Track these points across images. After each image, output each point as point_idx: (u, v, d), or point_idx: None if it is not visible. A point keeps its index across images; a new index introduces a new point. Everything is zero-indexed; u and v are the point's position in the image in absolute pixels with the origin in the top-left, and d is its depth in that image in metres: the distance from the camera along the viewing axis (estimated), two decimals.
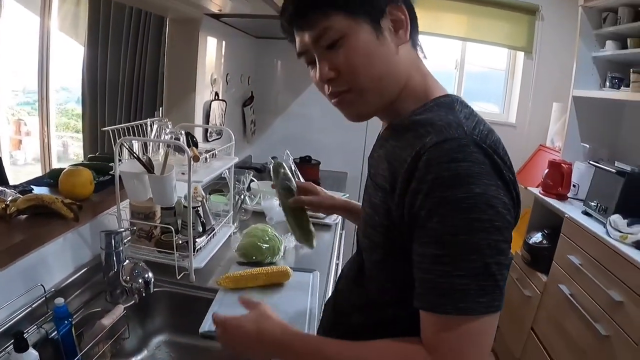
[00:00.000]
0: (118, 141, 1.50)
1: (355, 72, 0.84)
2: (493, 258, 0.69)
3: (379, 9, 0.84)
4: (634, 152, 3.18)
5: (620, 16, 2.95)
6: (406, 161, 0.75)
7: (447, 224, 0.69)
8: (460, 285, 0.69)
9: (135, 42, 2.88)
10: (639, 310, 2.07)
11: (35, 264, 1.32)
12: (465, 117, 0.79)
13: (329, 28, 0.82)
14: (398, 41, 0.86)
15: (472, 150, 0.71)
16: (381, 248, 0.86)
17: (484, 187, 0.69)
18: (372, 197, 0.89)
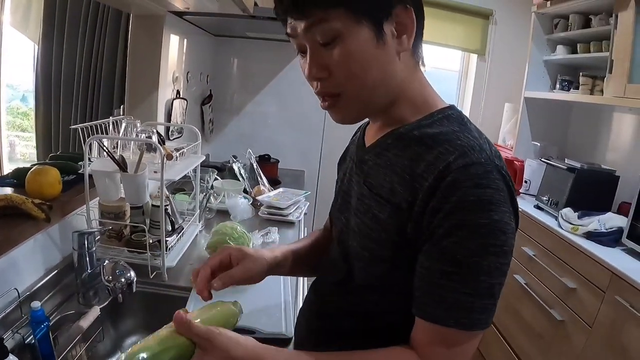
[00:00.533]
0: (88, 139, 1.47)
1: (347, 77, 0.79)
2: (497, 279, 0.73)
3: (385, 10, 0.77)
4: (582, 150, 3.37)
5: (571, 23, 3.12)
6: (426, 179, 0.75)
7: (463, 246, 0.71)
8: (466, 302, 0.72)
9: (92, 38, 2.79)
10: (591, 296, 2.21)
11: (7, 267, 1.27)
12: (479, 135, 0.81)
13: (324, 21, 0.76)
14: (399, 47, 0.80)
15: (495, 177, 0.73)
16: (387, 262, 0.83)
17: (501, 214, 0.72)
18: (374, 211, 0.84)
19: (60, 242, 1.55)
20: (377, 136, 0.91)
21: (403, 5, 0.78)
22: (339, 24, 0.76)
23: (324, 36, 0.77)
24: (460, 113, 0.86)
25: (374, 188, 0.85)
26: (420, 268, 0.77)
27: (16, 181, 1.58)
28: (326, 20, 0.76)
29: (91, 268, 1.40)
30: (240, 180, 2.63)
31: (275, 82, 3.64)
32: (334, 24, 0.76)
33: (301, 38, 0.80)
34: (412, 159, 0.79)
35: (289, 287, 1.55)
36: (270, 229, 2.05)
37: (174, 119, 2.53)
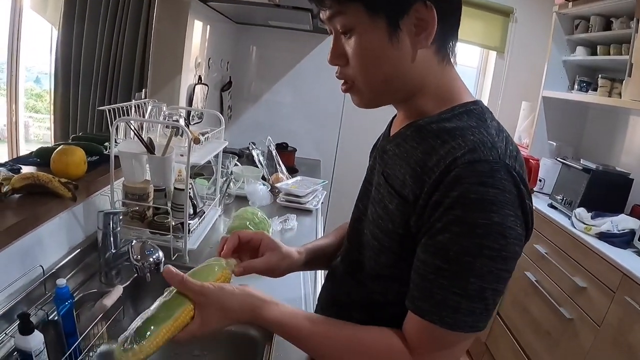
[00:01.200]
0: (116, 121, 1.48)
1: (360, 69, 0.81)
2: (491, 285, 0.71)
3: (402, 8, 0.76)
4: (597, 152, 3.36)
5: (592, 24, 3.10)
6: (434, 172, 0.74)
7: (457, 243, 0.70)
8: (453, 301, 0.71)
9: (113, 21, 2.79)
10: (600, 295, 2.23)
11: (33, 244, 1.30)
12: (497, 132, 0.78)
13: (342, 13, 0.78)
14: (417, 45, 0.79)
15: (503, 176, 0.70)
16: (393, 253, 0.84)
17: (503, 216, 0.69)
18: (386, 200, 0.85)
19: (84, 221, 1.57)
20: (400, 126, 0.91)
21: (423, 3, 0.76)
22: (354, 18, 0.77)
23: (342, 27, 0.80)
24: (483, 108, 0.84)
25: (389, 178, 0.86)
26: (416, 260, 0.77)
27: (39, 160, 1.60)
28: (343, 12, 0.78)
29: (115, 248, 1.42)
30: (259, 167, 2.65)
31: (293, 72, 3.66)
32: (350, 18, 0.78)
33: (327, 24, 0.84)
34: (426, 152, 0.79)
35: (308, 280, 1.56)
36: (288, 216, 2.07)
37: (195, 104, 2.55)
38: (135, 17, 2.72)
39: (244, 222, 1.73)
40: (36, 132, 4.62)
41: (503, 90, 3.87)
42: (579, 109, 3.50)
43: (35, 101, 4.56)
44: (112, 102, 2.82)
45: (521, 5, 3.72)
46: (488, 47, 3.86)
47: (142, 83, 2.73)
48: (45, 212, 1.32)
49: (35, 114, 4.56)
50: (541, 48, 3.58)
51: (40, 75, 4.34)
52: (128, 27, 2.74)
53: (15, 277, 1.19)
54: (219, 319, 0.82)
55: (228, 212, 2.16)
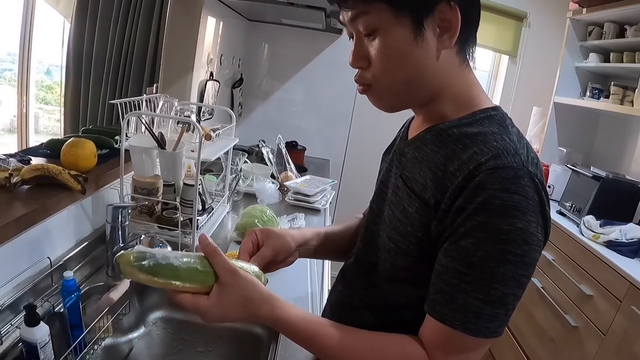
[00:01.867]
0: (127, 115, 1.48)
1: (382, 70, 0.81)
2: (512, 290, 0.71)
3: (427, 7, 0.76)
4: (607, 159, 3.35)
5: (606, 31, 3.09)
6: (456, 177, 0.74)
7: (481, 249, 0.70)
8: (475, 307, 0.71)
9: (126, 16, 2.80)
10: (607, 304, 2.22)
11: (41, 236, 1.30)
12: (518, 139, 0.78)
13: (366, 13, 0.78)
14: (440, 45, 0.79)
15: (526, 183, 0.71)
16: (410, 256, 0.84)
17: (526, 223, 0.70)
18: (404, 203, 0.85)
19: (92, 214, 1.57)
20: (419, 130, 0.91)
21: (447, 3, 0.76)
22: (378, 18, 0.77)
23: (365, 28, 0.79)
24: (503, 115, 0.84)
25: (408, 181, 0.86)
26: (437, 265, 0.77)
27: (49, 152, 1.60)
28: (367, 13, 0.78)
29: (123, 242, 1.42)
30: (268, 165, 2.65)
31: (304, 71, 3.66)
32: (374, 18, 0.77)
33: (349, 27, 0.83)
34: (447, 156, 0.79)
35: (315, 278, 1.56)
36: (297, 215, 2.07)
37: (206, 100, 2.55)
38: (147, 12, 2.73)
39: (252, 220, 1.73)
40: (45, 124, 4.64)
41: (514, 95, 3.86)
42: (590, 115, 3.49)
43: (45, 93, 4.58)
44: (122, 96, 2.83)
45: (535, 10, 3.70)
46: (500, 51, 3.85)
47: (153, 77, 2.74)
48: (54, 204, 1.32)
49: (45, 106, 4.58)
50: (554, 54, 3.56)
51: (51, 68, 4.36)
52: (140, 22, 2.75)
53: (22, 268, 1.19)
54: (236, 305, 0.80)
55: (236, 209, 2.15)
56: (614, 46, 3.08)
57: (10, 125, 4.34)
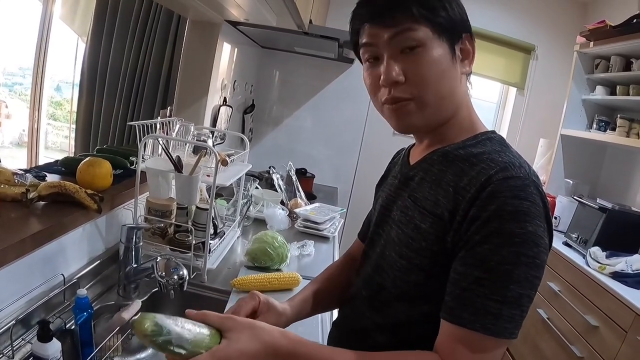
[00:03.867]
0: (145, 137, 1.51)
1: (424, 82, 0.85)
2: (526, 291, 0.75)
3: (458, 35, 0.87)
4: (613, 191, 3.37)
5: (612, 64, 3.13)
6: (468, 191, 0.80)
7: (497, 253, 0.74)
8: (494, 308, 0.74)
9: (142, 38, 2.85)
10: (612, 335, 2.22)
11: (56, 252, 1.31)
12: (518, 156, 0.86)
13: (411, 30, 0.83)
14: (462, 70, 0.90)
15: (532, 191, 0.77)
16: (423, 270, 0.87)
17: (535, 226, 0.75)
18: (416, 221, 0.88)
19: (106, 233, 1.59)
20: (422, 154, 0.97)
21: (469, 34, 0.89)
22: (423, 34, 0.83)
23: (407, 42, 0.84)
24: (501, 137, 0.93)
25: (419, 201, 0.90)
26: (453, 273, 0.80)
27: (64, 169, 1.63)
28: (413, 29, 0.83)
29: (136, 262, 1.43)
30: (278, 191, 2.66)
31: (315, 99, 3.70)
32: (420, 33, 0.83)
33: (381, 45, 0.86)
34: (456, 174, 0.85)
35: None
36: (306, 242, 2.08)
37: (219, 125, 2.58)
38: (163, 34, 2.78)
39: (263, 246, 1.74)
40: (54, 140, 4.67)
41: (522, 126, 3.90)
42: (596, 147, 3.52)
43: (54, 109, 4.62)
44: (135, 116, 2.86)
45: (543, 43, 3.76)
46: (508, 83, 3.90)
47: (166, 99, 2.78)
48: (70, 221, 1.33)
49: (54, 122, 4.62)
50: (561, 86, 3.62)
51: (61, 84, 4.41)
52: (155, 44, 2.80)
53: (36, 284, 1.20)
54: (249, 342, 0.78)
55: (246, 234, 2.17)
56: (620, 79, 3.12)
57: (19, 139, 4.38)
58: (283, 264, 1.80)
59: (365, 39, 0.89)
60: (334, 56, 3.21)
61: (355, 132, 3.69)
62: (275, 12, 1.97)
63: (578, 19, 3.78)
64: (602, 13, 3.50)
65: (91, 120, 3.03)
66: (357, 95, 3.50)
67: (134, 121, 1.57)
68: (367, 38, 0.88)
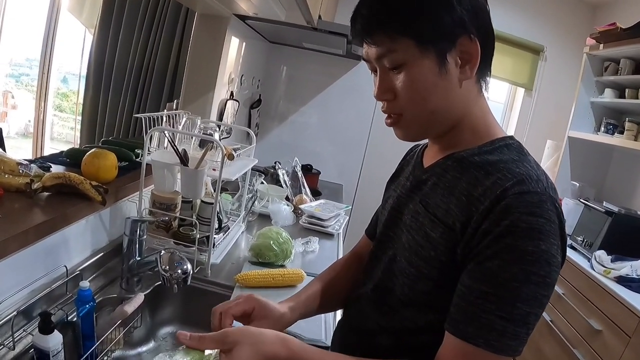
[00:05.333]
0: (151, 130, 1.50)
1: (409, 101, 0.85)
2: (534, 309, 0.73)
3: (449, 42, 0.81)
4: (619, 195, 3.35)
5: (622, 67, 3.12)
6: (482, 202, 0.77)
7: (507, 270, 0.72)
8: (499, 325, 0.72)
9: (149, 31, 2.85)
10: (616, 339, 2.21)
11: (59, 244, 1.31)
12: (537, 166, 0.82)
13: (393, 51, 0.82)
14: (462, 76, 0.84)
15: (549, 207, 0.74)
16: (432, 280, 0.85)
17: (549, 245, 0.72)
18: (427, 229, 0.87)
19: (109, 226, 1.58)
20: (436, 158, 0.94)
21: (467, 36, 0.81)
22: (405, 53, 0.82)
23: (391, 63, 0.84)
24: (520, 143, 0.89)
25: (430, 207, 0.88)
26: (461, 286, 0.78)
27: (69, 160, 1.62)
28: (394, 50, 0.82)
29: (139, 255, 1.42)
30: (284, 187, 2.65)
31: (322, 95, 3.70)
32: (400, 54, 0.82)
33: (373, 62, 0.87)
34: (470, 182, 0.82)
35: None
36: (311, 239, 2.07)
37: (225, 119, 2.57)
38: (170, 27, 2.77)
39: (267, 241, 1.74)
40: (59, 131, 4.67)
41: (529, 128, 3.88)
42: (603, 150, 3.50)
43: (60, 100, 4.62)
44: (141, 109, 2.86)
45: (552, 44, 3.74)
46: (517, 83, 3.88)
47: (172, 93, 2.77)
48: (73, 213, 1.32)
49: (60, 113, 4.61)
50: (569, 88, 3.60)
51: (68, 76, 4.40)
52: (163, 38, 2.80)
53: (39, 275, 1.20)
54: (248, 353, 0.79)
55: (250, 229, 2.16)
56: (629, 82, 3.10)
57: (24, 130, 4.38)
58: (287, 260, 1.80)
59: (363, 54, 0.90)
60: (342, 52, 3.19)
61: (362, 130, 3.69)
62: (285, 7, 1.96)
63: (587, 21, 3.75)
64: (612, 15, 3.48)
65: (97, 113, 3.03)
66: (364, 92, 3.51)
67: (140, 113, 1.56)
68: (363, 54, 0.90)
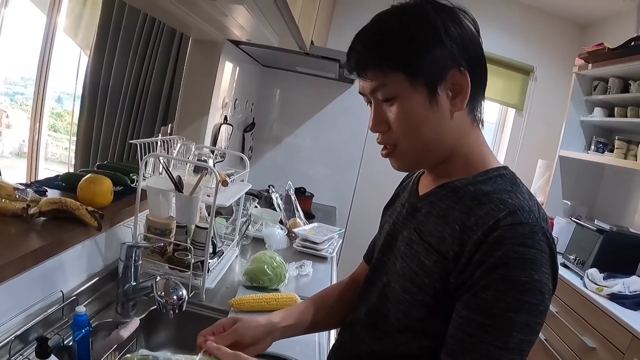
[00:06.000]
0: (146, 156, 1.52)
1: (403, 133, 0.87)
2: (528, 337, 0.75)
3: (439, 75, 0.83)
4: (611, 212, 3.38)
5: (610, 86, 3.16)
6: (475, 232, 0.78)
7: (501, 300, 0.74)
8: (496, 355, 0.74)
9: (144, 55, 2.86)
10: (610, 356, 2.23)
11: (55, 269, 1.32)
12: (529, 197, 0.84)
13: (386, 85, 0.85)
14: (453, 108, 0.85)
15: (540, 238, 0.76)
16: (426, 307, 0.86)
17: (541, 274, 0.74)
18: (421, 256, 0.88)
19: (105, 250, 1.59)
20: (431, 186, 0.95)
21: (457, 69, 0.83)
22: (397, 87, 0.84)
23: (384, 96, 0.86)
24: (513, 174, 0.90)
25: (424, 235, 0.89)
26: (456, 316, 0.79)
27: (64, 184, 1.63)
28: (387, 84, 0.85)
29: (134, 280, 1.43)
30: (277, 211, 2.66)
31: (315, 118, 3.73)
32: (393, 87, 0.84)
33: (368, 95, 0.90)
34: (463, 212, 0.83)
35: None
36: (305, 262, 2.08)
37: (219, 144, 2.59)
38: (165, 50, 2.80)
39: (261, 265, 1.75)
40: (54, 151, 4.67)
41: (520, 147, 3.91)
42: (594, 169, 3.54)
43: (55, 120, 4.62)
44: (136, 132, 2.87)
45: (542, 65, 3.79)
46: (507, 104, 3.92)
47: (167, 116, 2.79)
48: (69, 238, 1.34)
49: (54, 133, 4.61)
50: (559, 107, 3.64)
51: (63, 96, 4.41)
52: (157, 61, 2.82)
53: (35, 300, 1.21)
54: None
55: (244, 253, 2.17)
56: (618, 101, 3.15)
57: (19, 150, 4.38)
58: (281, 284, 1.81)
59: (359, 87, 0.93)
60: (334, 76, 3.23)
61: (355, 152, 3.72)
62: (278, 33, 1.99)
63: (576, 41, 3.80)
64: (600, 35, 3.54)
65: (92, 134, 3.03)
66: (356, 115, 3.53)
67: (134, 137, 1.59)
68: (359, 87, 0.92)
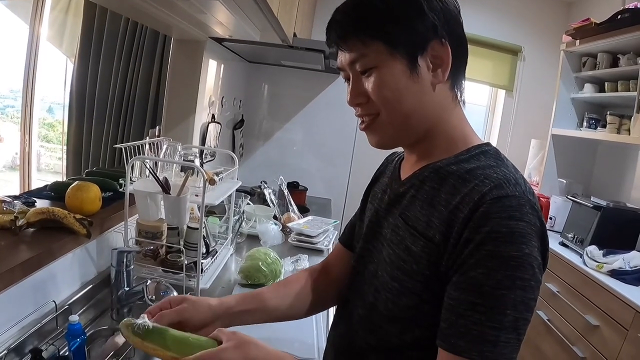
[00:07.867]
0: (132, 159, 1.51)
1: (383, 103, 0.84)
2: (522, 314, 0.72)
3: (420, 45, 0.82)
4: (607, 188, 3.38)
5: (599, 61, 3.15)
6: (461, 210, 0.76)
7: (492, 277, 0.71)
8: (492, 335, 0.71)
9: (128, 58, 2.84)
10: (613, 333, 2.22)
11: (46, 279, 1.30)
12: (514, 170, 0.82)
13: (364, 55, 0.83)
14: (434, 80, 0.84)
15: (528, 210, 0.73)
16: (416, 294, 0.83)
17: (531, 248, 0.72)
18: (407, 242, 0.85)
19: (97, 257, 1.58)
20: (413, 169, 0.93)
21: (439, 40, 0.82)
22: (375, 57, 0.83)
23: (362, 67, 0.85)
24: (496, 149, 0.89)
25: (410, 220, 0.86)
26: (448, 298, 0.77)
27: (54, 194, 1.62)
28: (365, 55, 0.83)
29: (128, 285, 1.42)
30: (271, 206, 2.65)
31: (304, 111, 3.72)
32: (372, 57, 0.83)
33: (347, 68, 0.89)
34: (448, 192, 0.81)
35: (321, 329, 1.55)
36: (300, 256, 2.07)
37: (208, 142, 2.57)
38: (149, 54, 2.78)
39: (256, 262, 1.74)
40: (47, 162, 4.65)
41: (512, 128, 3.91)
42: (588, 146, 3.54)
43: (47, 130, 4.60)
44: (125, 137, 2.86)
45: (529, 44, 3.78)
46: (497, 85, 3.92)
47: (155, 119, 2.78)
48: (59, 247, 1.32)
49: (46, 144, 4.59)
50: (549, 86, 3.63)
51: (53, 105, 4.39)
52: (142, 64, 2.80)
53: (28, 311, 1.20)
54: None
55: (239, 251, 2.16)
56: (608, 76, 3.14)
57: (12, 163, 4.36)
58: (277, 280, 1.79)
59: (337, 64, 0.92)
60: (321, 68, 3.22)
61: (346, 142, 3.72)
62: (259, 28, 1.97)
63: (563, 19, 3.80)
64: (587, 11, 3.53)
65: (82, 143, 3.02)
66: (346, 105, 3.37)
67: (124, 141, 1.57)
68: (338, 63, 0.91)
